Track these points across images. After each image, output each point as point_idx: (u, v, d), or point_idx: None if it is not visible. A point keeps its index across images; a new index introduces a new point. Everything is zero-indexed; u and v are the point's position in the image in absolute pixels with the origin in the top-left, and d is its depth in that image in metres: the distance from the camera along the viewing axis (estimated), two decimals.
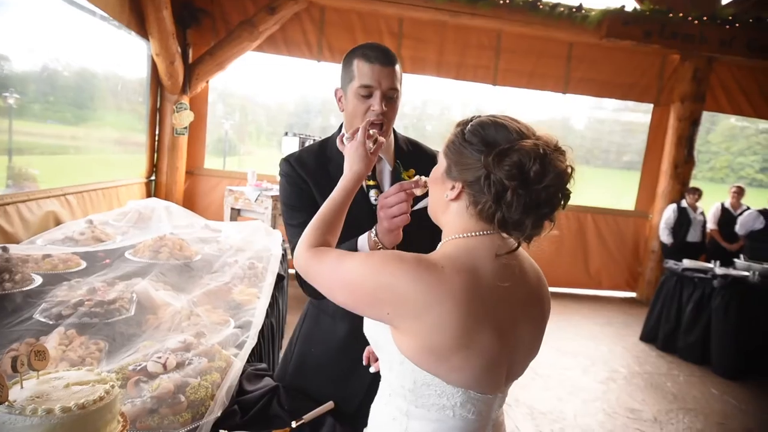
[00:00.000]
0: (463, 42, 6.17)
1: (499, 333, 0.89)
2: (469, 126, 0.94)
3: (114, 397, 1.04)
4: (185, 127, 5.54)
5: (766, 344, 4.55)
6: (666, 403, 3.77)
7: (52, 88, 3.79)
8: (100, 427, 1.00)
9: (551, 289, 1.11)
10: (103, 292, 1.94)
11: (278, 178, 5.19)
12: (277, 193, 4.55)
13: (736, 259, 5.08)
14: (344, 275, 0.94)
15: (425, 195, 1.39)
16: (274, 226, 4.33)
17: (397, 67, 1.35)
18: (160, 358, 1.44)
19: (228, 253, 2.81)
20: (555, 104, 7.57)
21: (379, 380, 1.15)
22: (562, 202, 0.89)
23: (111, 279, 2.14)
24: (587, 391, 3.80)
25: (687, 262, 5.07)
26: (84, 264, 2.34)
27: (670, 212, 6.29)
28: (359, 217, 1.32)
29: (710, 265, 4.97)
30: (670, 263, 5.21)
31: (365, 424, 1.48)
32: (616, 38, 5.99)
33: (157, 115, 5.50)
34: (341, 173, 1.20)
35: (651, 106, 6.82)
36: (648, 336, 5.16)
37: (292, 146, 4.94)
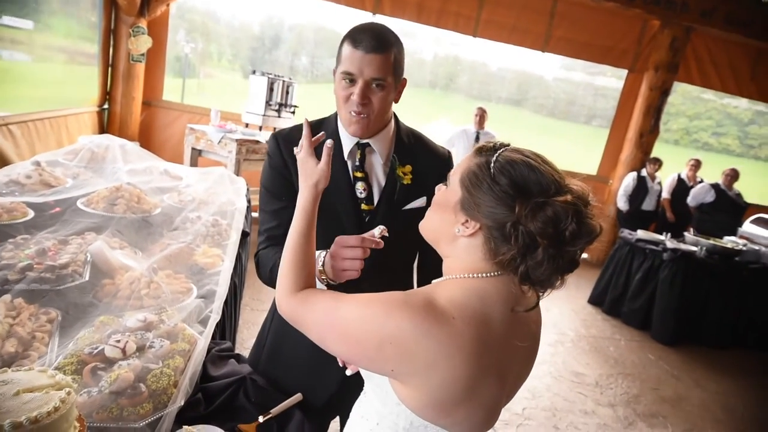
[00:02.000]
0: None
1: (501, 378, 0.85)
2: (496, 161, 0.83)
3: (71, 405, 0.97)
4: (142, 54, 5.13)
5: (701, 315, 4.85)
6: (608, 367, 4.00)
7: None
8: None
9: None
10: (54, 253, 1.81)
11: (244, 119, 4.87)
12: (243, 137, 4.35)
13: (686, 233, 5.29)
14: (340, 324, 0.84)
15: (417, 196, 1.31)
16: (238, 173, 4.15)
17: (390, 55, 1.17)
18: (118, 341, 1.36)
19: (190, 207, 2.67)
20: (530, 59, 7.45)
21: (352, 376, 1.10)
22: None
23: (62, 236, 1.99)
24: (537, 354, 3.97)
25: (641, 233, 5.25)
26: (31, 213, 2.15)
27: (629, 180, 6.46)
28: (343, 212, 1.23)
29: (662, 238, 5.17)
30: (625, 233, 5.38)
31: (333, 417, 1.47)
32: None
33: (111, 37, 5.05)
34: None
35: (625, 72, 6.81)
36: (596, 299, 5.40)
37: (260, 86, 4.67)
